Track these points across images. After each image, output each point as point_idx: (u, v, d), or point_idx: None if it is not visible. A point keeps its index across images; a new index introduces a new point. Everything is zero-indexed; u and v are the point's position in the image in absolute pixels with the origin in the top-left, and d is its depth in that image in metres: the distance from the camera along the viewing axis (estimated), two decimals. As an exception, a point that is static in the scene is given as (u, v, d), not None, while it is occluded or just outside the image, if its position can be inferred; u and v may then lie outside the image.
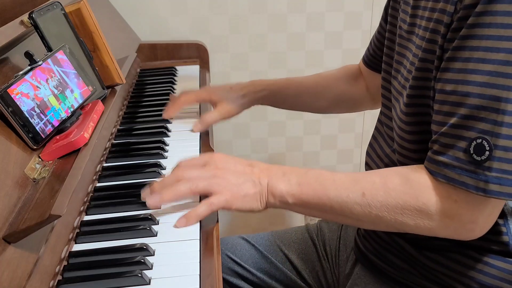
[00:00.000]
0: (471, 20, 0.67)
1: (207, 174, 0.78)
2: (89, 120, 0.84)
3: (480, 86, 0.66)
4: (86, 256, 0.71)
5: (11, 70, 0.81)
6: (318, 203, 0.76)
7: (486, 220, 0.71)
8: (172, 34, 1.60)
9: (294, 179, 0.78)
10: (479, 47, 0.66)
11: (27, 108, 0.75)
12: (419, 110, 0.78)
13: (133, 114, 1.16)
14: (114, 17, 1.46)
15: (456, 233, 0.72)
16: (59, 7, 0.94)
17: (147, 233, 0.75)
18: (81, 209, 0.80)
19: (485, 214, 0.70)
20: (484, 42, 0.66)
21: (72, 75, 0.89)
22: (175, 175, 0.78)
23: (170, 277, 0.67)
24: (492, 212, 0.71)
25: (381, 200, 0.73)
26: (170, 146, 1.01)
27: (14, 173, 0.69)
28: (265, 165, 0.81)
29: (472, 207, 0.69)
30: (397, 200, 0.72)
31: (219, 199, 0.76)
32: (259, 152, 1.77)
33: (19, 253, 0.61)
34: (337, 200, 0.75)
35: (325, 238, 1.07)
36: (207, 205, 0.76)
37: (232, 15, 1.60)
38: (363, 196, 0.73)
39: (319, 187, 0.76)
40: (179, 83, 1.36)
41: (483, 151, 0.66)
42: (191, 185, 0.76)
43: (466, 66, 0.67)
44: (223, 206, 0.76)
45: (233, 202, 0.77)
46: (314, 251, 1.06)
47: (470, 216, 0.70)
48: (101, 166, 0.93)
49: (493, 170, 0.66)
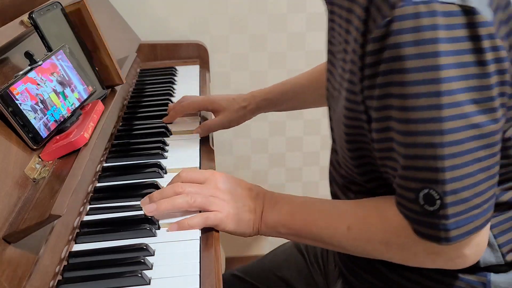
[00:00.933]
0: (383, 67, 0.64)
1: (206, 192, 0.78)
2: (89, 120, 0.84)
3: (410, 136, 0.64)
4: (86, 256, 0.71)
5: (11, 70, 0.81)
6: (309, 233, 0.77)
7: (476, 249, 0.69)
8: (172, 34, 1.59)
9: (285, 209, 0.78)
10: (398, 95, 0.63)
11: (27, 108, 0.75)
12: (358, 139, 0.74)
13: (133, 114, 1.15)
14: (114, 17, 1.46)
15: (447, 265, 0.72)
16: (59, 7, 0.94)
17: (147, 233, 0.75)
18: (81, 209, 0.80)
19: (472, 246, 0.68)
20: (401, 89, 0.63)
21: (72, 75, 0.89)
22: (175, 188, 0.79)
23: (170, 277, 0.67)
24: (480, 240, 0.69)
25: (365, 236, 0.73)
26: (170, 146, 1.01)
27: (14, 173, 0.69)
28: (263, 191, 0.82)
29: (454, 246, 0.67)
30: (380, 237, 0.72)
31: (216, 216, 0.77)
32: (259, 152, 1.77)
33: (19, 253, 0.61)
34: (326, 232, 0.76)
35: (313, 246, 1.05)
36: (202, 217, 0.76)
37: (232, 15, 1.60)
38: (348, 230, 0.74)
39: (308, 217, 0.77)
40: (179, 83, 1.36)
41: (433, 201, 0.64)
42: (189, 199, 0.77)
43: (390, 115, 0.65)
44: (217, 224, 0.77)
45: (228, 224, 0.77)
46: (303, 261, 1.05)
47: (456, 252, 0.68)
48: (101, 166, 0.93)
49: (449, 217, 0.64)
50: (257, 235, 0.81)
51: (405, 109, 0.63)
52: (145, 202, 0.78)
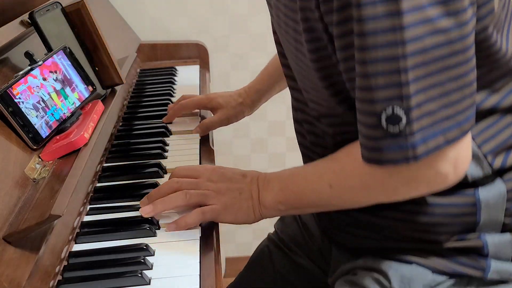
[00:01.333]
0: None
1: (201, 186, 0.78)
2: (89, 120, 0.84)
3: (369, 51, 0.59)
4: (86, 256, 0.71)
5: (11, 70, 0.81)
6: (302, 203, 0.76)
7: (455, 165, 0.64)
8: (172, 34, 1.60)
9: (276, 186, 0.77)
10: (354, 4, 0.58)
11: (27, 108, 0.75)
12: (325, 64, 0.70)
13: (133, 114, 1.15)
14: (114, 17, 1.46)
15: (432, 189, 0.67)
16: (59, 7, 0.94)
17: (147, 233, 0.75)
18: (81, 209, 0.80)
19: (448, 161, 0.63)
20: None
21: (72, 75, 0.89)
22: (170, 185, 0.79)
23: (170, 277, 0.67)
24: (458, 154, 0.64)
25: (347, 188, 0.71)
26: (170, 146, 1.01)
27: (14, 173, 0.69)
28: (256, 175, 0.80)
29: (427, 165, 0.63)
30: (359, 183, 0.70)
31: (212, 209, 0.76)
32: (259, 152, 1.77)
33: (19, 253, 0.61)
34: (314, 196, 0.75)
35: (289, 233, 1.01)
36: (198, 213, 0.76)
37: (232, 15, 1.60)
38: (331, 188, 0.72)
39: (296, 188, 0.76)
40: (179, 83, 1.36)
41: (398, 119, 0.60)
42: (185, 196, 0.77)
43: (349, 28, 0.60)
44: (215, 217, 0.77)
45: (226, 215, 0.77)
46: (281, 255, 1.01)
47: (431, 171, 0.64)
48: (101, 166, 0.93)
49: (415, 133, 0.60)
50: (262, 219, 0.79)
51: (362, 20, 0.58)
52: (144, 203, 0.79)
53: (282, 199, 0.77)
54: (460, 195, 0.71)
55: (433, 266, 0.75)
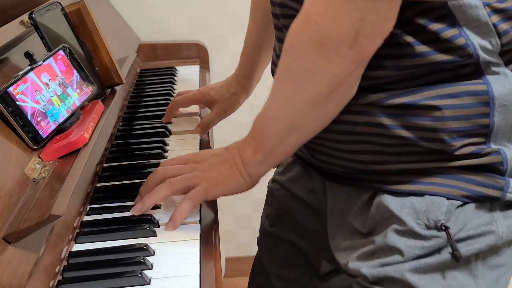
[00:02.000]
0: None
1: (187, 170, 0.78)
2: (89, 120, 0.84)
3: None
4: (86, 256, 0.71)
5: (11, 70, 0.81)
6: (271, 138, 0.72)
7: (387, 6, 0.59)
8: (172, 34, 1.60)
9: (249, 139, 0.76)
10: None
11: (27, 108, 0.75)
12: None
13: (133, 114, 1.15)
14: (114, 17, 1.46)
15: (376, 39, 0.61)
16: (59, 7, 0.94)
17: (147, 233, 0.75)
18: (81, 209, 0.80)
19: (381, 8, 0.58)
20: None
21: (72, 75, 0.89)
22: (154, 177, 0.79)
23: (170, 277, 0.67)
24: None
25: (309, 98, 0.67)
26: (170, 146, 1.01)
27: (14, 173, 0.69)
28: (237, 142, 0.79)
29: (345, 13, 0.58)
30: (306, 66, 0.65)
31: (197, 191, 0.76)
32: (259, 152, 1.77)
33: (19, 253, 0.61)
34: (279, 123, 0.71)
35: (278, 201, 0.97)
36: (186, 201, 0.76)
37: (232, 15, 1.60)
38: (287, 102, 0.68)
39: (261, 126, 0.73)
40: (179, 83, 1.36)
41: None
42: (170, 185, 0.77)
43: None
44: (204, 196, 0.76)
45: (214, 189, 0.77)
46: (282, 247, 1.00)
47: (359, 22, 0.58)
48: (101, 166, 0.93)
49: None
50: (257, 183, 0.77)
51: None
52: (137, 200, 0.79)
53: (256, 147, 0.75)
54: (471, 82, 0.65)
55: (447, 192, 0.69)
